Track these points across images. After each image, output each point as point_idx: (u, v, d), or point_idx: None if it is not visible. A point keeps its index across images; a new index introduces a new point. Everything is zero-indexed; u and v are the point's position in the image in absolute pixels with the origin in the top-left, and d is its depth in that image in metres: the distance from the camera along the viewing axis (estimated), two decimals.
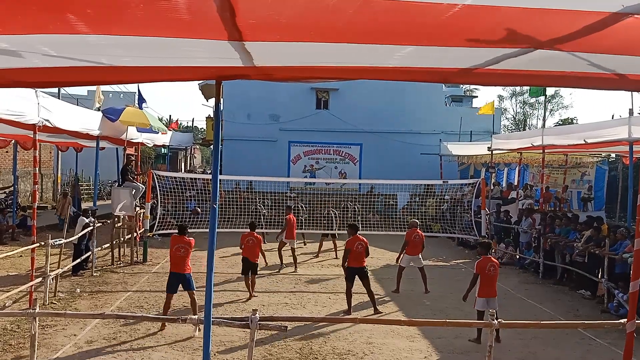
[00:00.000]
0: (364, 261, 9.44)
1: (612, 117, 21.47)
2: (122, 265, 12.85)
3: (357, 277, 9.38)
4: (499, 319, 5.91)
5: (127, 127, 13.59)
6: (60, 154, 23.27)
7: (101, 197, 23.87)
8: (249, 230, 10.56)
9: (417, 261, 10.97)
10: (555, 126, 32.36)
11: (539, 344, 7.86)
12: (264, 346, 7.37)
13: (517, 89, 45.93)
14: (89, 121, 11.76)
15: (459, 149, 22.16)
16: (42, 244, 9.22)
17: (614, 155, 20.98)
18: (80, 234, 11.40)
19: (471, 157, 22.20)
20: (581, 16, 2.25)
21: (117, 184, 16.91)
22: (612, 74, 3.24)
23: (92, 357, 6.86)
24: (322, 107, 25.63)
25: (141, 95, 17.91)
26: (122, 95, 35.47)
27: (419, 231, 11.10)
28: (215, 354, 6.97)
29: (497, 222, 16.06)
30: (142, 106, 15.90)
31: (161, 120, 31.54)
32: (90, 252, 11.74)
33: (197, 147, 43.70)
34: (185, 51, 3.10)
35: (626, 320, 5.21)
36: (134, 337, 7.64)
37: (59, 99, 12.75)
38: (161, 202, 15.66)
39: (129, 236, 13.51)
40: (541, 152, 14.86)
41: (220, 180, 10.96)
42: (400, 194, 20.77)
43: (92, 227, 11.61)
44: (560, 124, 38.19)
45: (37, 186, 9.06)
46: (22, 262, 12.18)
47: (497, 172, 22.25)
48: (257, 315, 5.49)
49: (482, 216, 14.30)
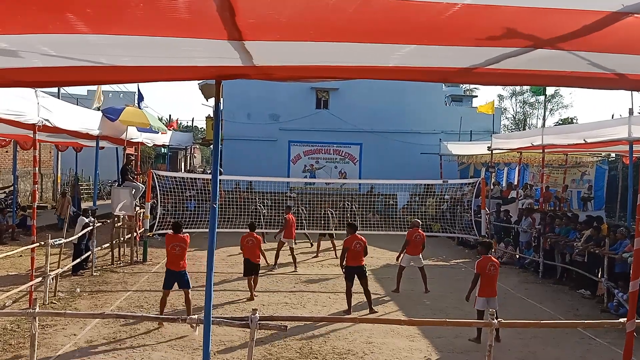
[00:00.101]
0: (363, 260, 9.45)
1: (612, 117, 21.51)
2: (122, 265, 12.85)
3: (356, 276, 9.39)
4: (499, 319, 5.91)
5: (127, 127, 13.59)
6: (60, 153, 23.27)
7: (101, 197, 23.86)
8: (248, 230, 10.55)
9: (417, 261, 10.97)
10: (555, 126, 32.32)
11: (538, 344, 7.86)
12: (264, 346, 7.37)
13: (517, 88, 45.93)
14: (88, 121, 11.75)
15: (459, 148, 22.16)
16: (42, 243, 9.21)
17: (613, 154, 21.00)
18: (80, 234, 11.40)
19: (471, 156, 22.20)
20: (581, 15, 2.25)
21: (117, 183, 16.92)
22: (612, 74, 3.24)
23: (92, 357, 6.86)
24: (322, 107, 25.62)
25: (140, 94, 17.91)
26: (121, 95, 35.47)
27: (421, 231, 11.10)
28: (215, 354, 6.98)
29: (497, 222, 16.06)
30: (140, 105, 15.87)
31: (161, 120, 31.54)
32: (90, 252, 11.75)
33: (197, 146, 43.71)
34: (185, 51, 3.10)
35: (626, 319, 5.21)
36: (134, 337, 7.64)
37: (59, 99, 12.75)
38: (161, 202, 15.65)
39: (129, 236, 13.52)
40: (541, 151, 14.87)
41: (220, 180, 10.98)
42: (400, 194, 20.77)
43: (91, 227, 11.61)
44: (560, 124, 38.15)
45: (36, 186, 9.05)
46: (22, 262, 12.19)
47: (497, 171, 22.25)
48: (257, 314, 5.49)
49: (482, 216, 14.30)
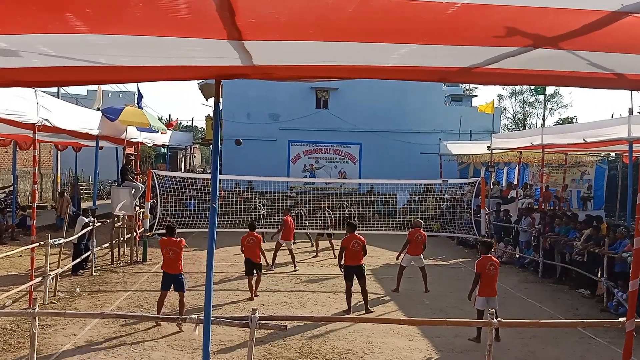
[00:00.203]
0: (362, 260, 9.43)
1: (612, 116, 21.51)
2: (121, 264, 12.85)
3: (355, 276, 9.39)
4: (499, 318, 5.92)
5: (126, 127, 13.58)
6: (59, 153, 23.27)
7: (101, 197, 23.84)
8: (248, 230, 10.54)
9: (418, 261, 10.97)
10: (554, 125, 32.34)
11: (538, 343, 7.87)
12: (264, 345, 7.37)
13: (517, 88, 45.99)
14: (88, 121, 11.74)
15: (458, 148, 22.15)
16: (42, 243, 9.21)
17: (613, 154, 21.02)
18: (79, 234, 11.40)
19: (471, 156, 22.19)
20: (581, 14, 2.25)
21: (116, 183, 16.92)
22: (611, 74, 3.24)
23: (91, 357, 6.86)
24: (322, 107, 25.62)
25: (140, 93, 17.90)
26: (121, 94, 35.47)
27: (422, 231, 11.09)
28: (214, 353, 6.98)
29: (497, 222, 16.06)
30: (141, 104, 15.84)
31: (161, 119, 31.50)
32: (89, 252, 11.74)
33: (197, 146, 43.72)
34: (184, 50, 3.09)
35: (625, 319, 5.21)
36: (133, 337, 7.64)
37: (59, 99, 12.74)
38: (161, 202, 15.65)
39: (129, 236, 13.52)
40: (541, 151, 14.87)
41: (219, 179, 10.97)
42: (399, 194, 20.78)
43: (91, 227, 11.61)
44: (559, 123, 38.21)
45: (36, 186, 9.04)
46: (21, 262, 12.19)
47: (496, 171, 22.25)
48: (256, 314, 5.49)
49: (482, 215, 14.30)
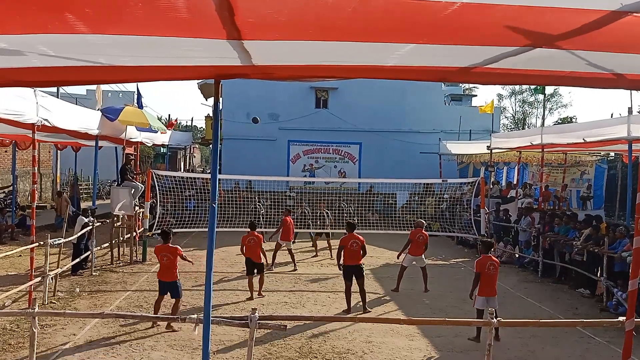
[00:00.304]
0: (360, 259, 9.42)
1: (611, 116, 21.54)
2: (121, 264, 12.85)
3: (353, 276, 9.38)
4: (498, 318, 5.92)
5: (126, 127, 13.58)
6: (59, 153, 23.26)
7: (100, 197, 23.82)
8: (249, 230, 10.51)
9: (420, 261, 10.97)
10: (554, 125, 32.34)
11: (538, 343, 7.87)
12: (264, 345, 7.38)
13: (516, 87, 46.02)
14: (87, 120, 11.73)
15: (458, 147, 22.16)
16: (41, 243, 9.21)
17: (613, 154, 21.03)
18: (79, 234, 11.40)
19: (470, 156, 22.21)
20: (580, 14, 2.25)
21: (116, 183, 16.91)
22: (611, 74, 3.25)
23: (91, 357, 6.86)
24: (322, 106, 25.63)
25: (140, 93, 17.89)
26: (120, 94, 35.45)
27: (424, 232, 11.08)
28: (214, 353, 6.98)
29: (497, 221, 16.06)
30: (141, 103, 15.81)
31: (160, 119, 31.51)
32: (89, 252, 11.74)
33: (197, 146, 43.71)
34: (184, 50, 3.09)
35: (625, 318, 5.21)
36: (133, 337, 7.65)
37: (58, 98, 12.73)
38: (160, 202, 15.64)
39: (128, 235, 13.52)
40: (540, 150, 14.88)
41: (219, 179, 10.96)
42: (399, 193, 20.78)
43: (91, 227, 11.61)
44: (559, 123, 38.20)
45: (36, 186, 9.04)
46: (21, 262, 12.18)
47: (496, 171, 22.27)
48: (256, 314, 5.48)
49: (482, 215, 14.31)
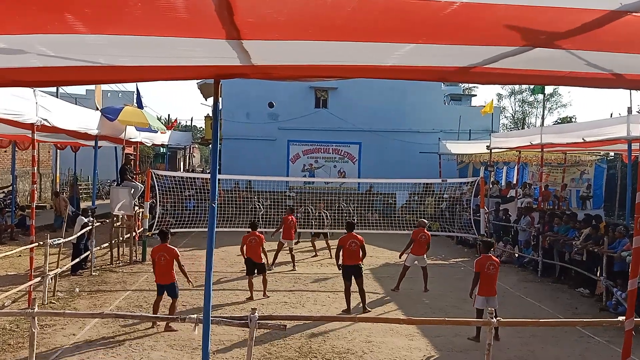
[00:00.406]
0: (359, 259, 9.41)
1: (611, 116, 21.55)
2: (121, 264, 12.86)
3: (352, 275, 9.38)
4: (498, 317, 5.92)
5: (125, 127, 13.57)
6: (58, 153, 23.25)
7: (100, 197, 23.83)
8: (250, 230, 10.48)
9: (421, 261, 10.98)
10: (554, 125, 32.35)
11: (537, 342, 7.87)
12: (263, 345, 7.38)
13: (516, 87, 46.02)
14: (87, 120, 11.71)
15: (457, 147, 22.17)
16: (41, 243, 9.21)
17: (612, 153, 21.04)
18: (79, 234, 11.39)
19: (470, 155, 22.22)
20: (580, 13, 2.25)
21: (115, 183, 16.90)
22: (610, 74, 3.25)
23: (91, 356, 6.86)
24: (321, 106, 25.64)
25: (139, 93, 17.88)
26: (120, 94, 35.46)
27: (426, 231, 11.09)
28: (214, 353, 6.98)
29: (496, 221, 16.07)
30: (141, 103, 15.80)
31: (160, 119, 31.51)
32: (89, 252, 11.74)
33: (196, 146, 43.72)
34: (183, 50, 3.09)
35: (624, 318, 5.21)
36: (133, 336, 7.65)
37: (58, 98, 12.72)
38: (160, 202, 15.65)
39: (128, 235, 13.52)
40: (540, 150, 14.88)
41: (219, 179, 10.96)
42: (399, 193, 20.78)
43: (90, 227, 11.61)
44: (559, 123, 38.21)
45: (35, 186, 9.05)
46: (21, 262, 12.18)
47: (495, 170, 22.27)
48: (256, 314, 5.49)
49: (481, 215, 14.31)
